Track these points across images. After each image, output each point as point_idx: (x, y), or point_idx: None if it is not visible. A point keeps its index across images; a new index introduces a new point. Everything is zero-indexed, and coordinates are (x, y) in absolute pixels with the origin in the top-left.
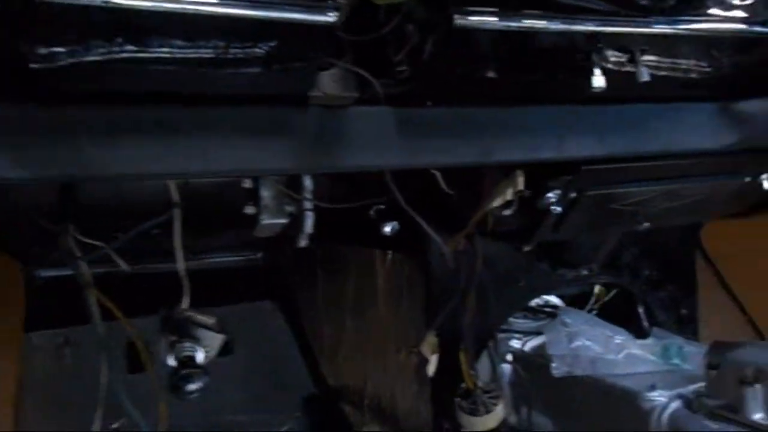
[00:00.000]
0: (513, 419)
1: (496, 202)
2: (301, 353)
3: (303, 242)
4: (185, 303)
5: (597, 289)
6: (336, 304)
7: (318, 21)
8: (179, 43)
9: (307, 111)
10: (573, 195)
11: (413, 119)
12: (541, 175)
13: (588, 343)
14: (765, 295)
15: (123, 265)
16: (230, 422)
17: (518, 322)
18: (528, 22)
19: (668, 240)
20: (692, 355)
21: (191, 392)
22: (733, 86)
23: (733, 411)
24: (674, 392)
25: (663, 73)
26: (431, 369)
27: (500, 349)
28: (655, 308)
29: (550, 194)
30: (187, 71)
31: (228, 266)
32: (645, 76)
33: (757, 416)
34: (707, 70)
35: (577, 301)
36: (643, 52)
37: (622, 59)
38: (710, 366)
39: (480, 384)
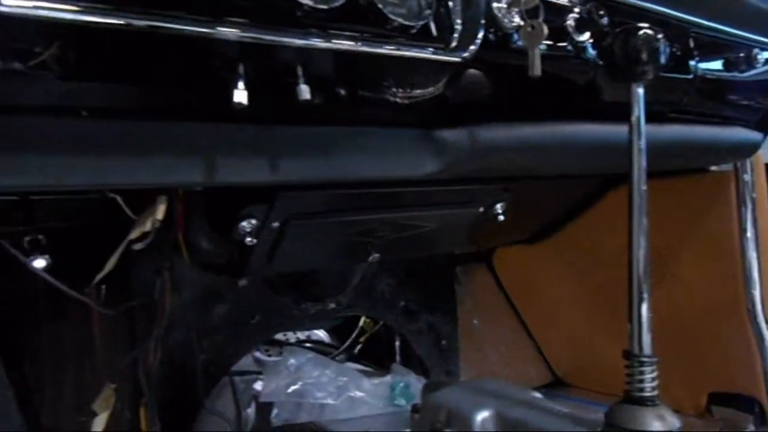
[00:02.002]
0: None
1: (134, 234)
2: (18, 405)
3: None
4: None
5: (362, 321)
6: (58, 347)
7: None
8: None
9: None
10: (276, 225)
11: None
12: (232, 203)
13: (309, 387)
14: (551, 319)
15: None
16: None
17: (269, 359)
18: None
19: (427, 270)
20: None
21: None
22: (436, 113)
23: None
24: None
25: (352, 94)
26: (98, 427)
27: (248, 391)
28: (414, 341)
29: (243, 223)
30: None
31: None
32: (305, 94)
33: None
34: (403, 94)
35: (346, 333)
36: (306, 68)
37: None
38: (414, 409)
39: None
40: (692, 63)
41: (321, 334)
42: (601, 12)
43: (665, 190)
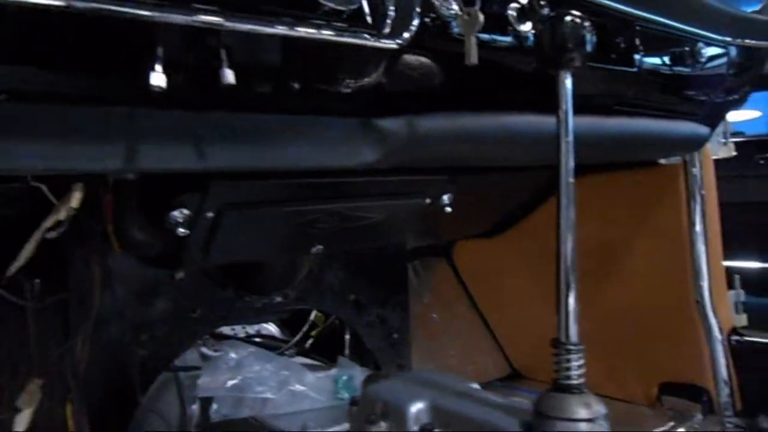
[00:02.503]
0: None
1: (48, 223)
2: None
3: None
4: None
5: (314, 315)
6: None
7: None
8: None
9: None
10: (210, 215)
11: None
12: (164, 191)
13: (249, 381)
14: (509, 313)
15: None
16: None
17: (217, 354)
18: None
19: (378, 262)
20: None
21: None
22: (375, 102)
23: None
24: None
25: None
26: (21, 424)
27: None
28: (364, 334)
29: (175, 213)
30: None
31: None
32: (229, 78)
33: None
34: (340, 81)
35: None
36: (231, 52)
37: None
38: (352, 402)
39: None
40: (637, 56)
41: (271, 328)
42: (543, 2)
43: (615, 184)
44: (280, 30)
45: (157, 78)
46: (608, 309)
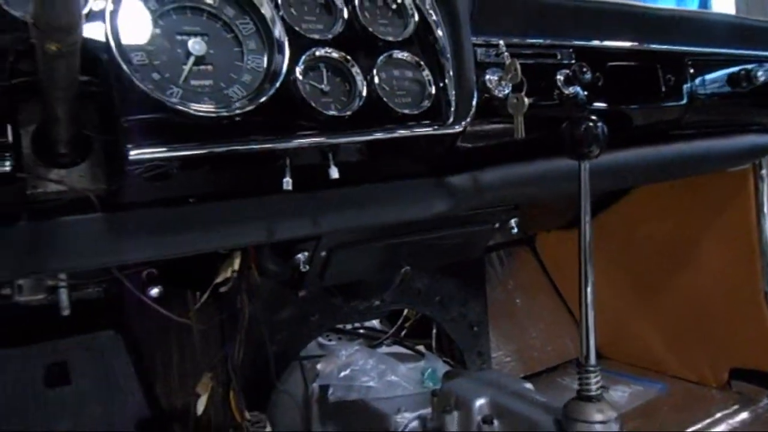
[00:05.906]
0: None
1: (220, 278)
2: (139, 379)
3: (65, 312)
4: None
5: (406, 310)
6: (166, 337)
7: None
8: None
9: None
10: (323, 254)
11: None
12: (288, 240)
13: (356, 372)
14: None
15: None
16: None
17: (330, 344)
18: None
19: (458, 268)
20: None
21: None
22: (444, 162)
23: None
24: (415, 414)
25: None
26: (200, 407)
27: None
28: (449, 328)
29: (299, 255)
30: None
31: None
32: (335, 174)
33: None
34: (416, 153)
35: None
36: (336, 155)
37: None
38: (433, 394)
39: (249, 416)
40: (686, 87)
41: (374, 321)
42: (585, 69)
43: (689, 185)
44: (365, 137)
45: (287, 183)
46: (683, 299)
